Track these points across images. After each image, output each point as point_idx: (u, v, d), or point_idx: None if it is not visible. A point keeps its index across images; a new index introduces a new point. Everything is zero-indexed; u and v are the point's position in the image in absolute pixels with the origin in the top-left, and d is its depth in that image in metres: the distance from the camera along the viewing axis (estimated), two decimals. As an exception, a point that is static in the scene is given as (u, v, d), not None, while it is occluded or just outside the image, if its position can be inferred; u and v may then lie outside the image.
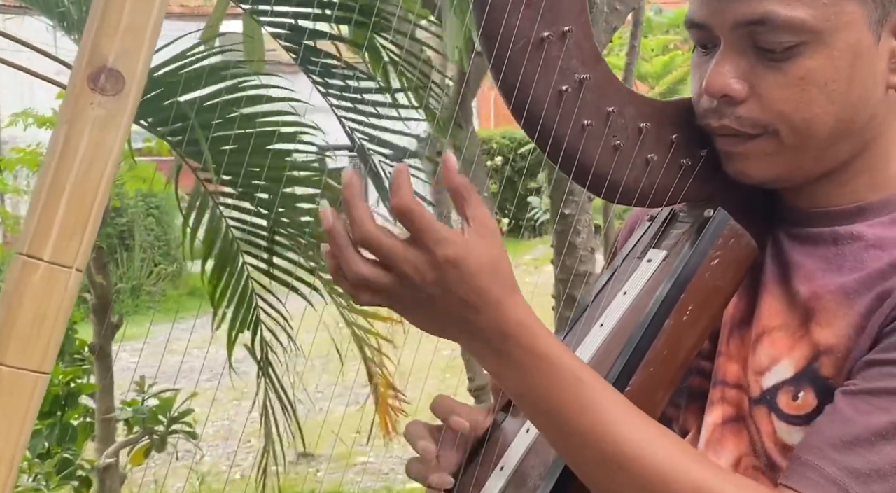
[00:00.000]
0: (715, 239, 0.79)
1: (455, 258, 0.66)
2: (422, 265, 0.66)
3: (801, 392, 0.76)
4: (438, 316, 0.69)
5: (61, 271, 0.61)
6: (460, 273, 0.67)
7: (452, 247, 0.66)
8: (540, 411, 0.72)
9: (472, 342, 0.71)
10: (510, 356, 0.70)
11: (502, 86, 0.76)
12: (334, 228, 0.67)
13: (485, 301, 0.68)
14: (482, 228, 0.68)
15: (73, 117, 0.61)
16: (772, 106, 0.75)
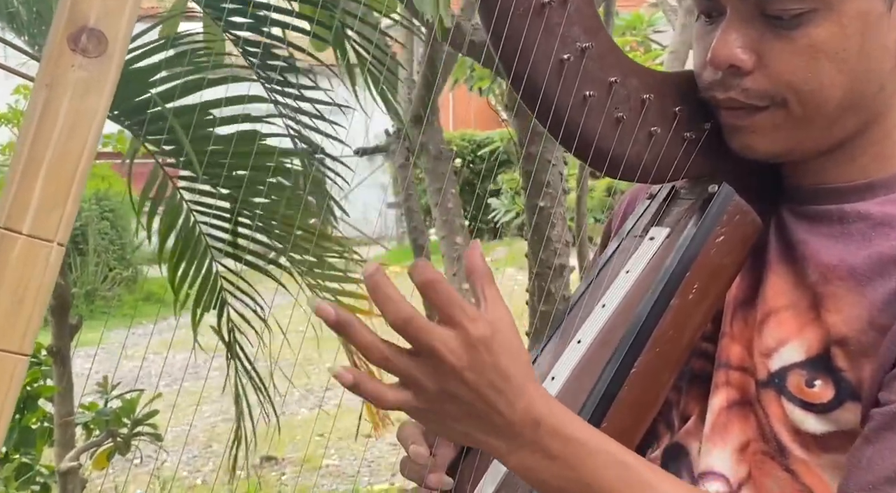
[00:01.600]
0: (720, 215, 0.76)
1: (485, 336, 0.63)
2: (454, 343, 0.63)
3: (818, 380, 0.73)
4: (463, 408, 0.65)
5: (42, 246, 0.56)
6: (489, 352, 0.63)
7: (481, 324, 0.63)
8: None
9: (502, 438, 0.66)
10: (545, 447, 0.66)
11: (502, 54, 0.73)
12: (338, 316, 0.62)
13: (511, 386, 0.65)
14: (501, 310, 0.65)
15: (52, 81, 0.56)
16: (780, 76, 0.73)
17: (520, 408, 0.65)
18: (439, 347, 0.62)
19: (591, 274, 0.84)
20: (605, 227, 0.96)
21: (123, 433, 2.20)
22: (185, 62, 1.94)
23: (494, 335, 0.64)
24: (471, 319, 0.63)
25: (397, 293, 0.63)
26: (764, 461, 0.76)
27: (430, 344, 0.62)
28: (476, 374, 0.63)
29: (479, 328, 0.63)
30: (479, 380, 0.64)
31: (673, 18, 3.04)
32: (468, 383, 0.64)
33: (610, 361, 0.74)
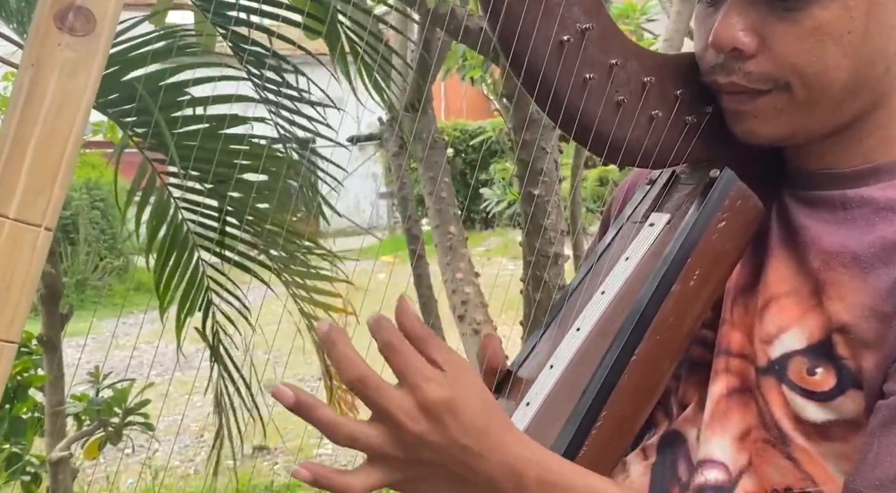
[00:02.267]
0: (722, 200, 0.75)
1: (444, 398, 0.62)
2: (411, 407, 0.61)
3: (819, 368, 0.72)
4: (439, 473, 0.64)
5: (28, 230, 0.55)
6: (453, 414, 0.62)
7: (440, 386, 0.62)
8: None
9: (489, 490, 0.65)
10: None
11: (500, 36, 0.71)
12: (299, 401, 0.61)
13: (485, 443, 0.63)
14: (457, 368, 0.63)
15: (38, 60, 0.55)
16: (783, 59, 0.72)
17: (498, 463, 0.64)
18: (395, 411, 0.61)
19: (590, 261, 0.82)
20: (604, 213, 0.95)
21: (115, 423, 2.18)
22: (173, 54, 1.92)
23: (456, 394, 0.62)
24: (426, 379, 0.61)
25: (352, 352, 0.61)
26: (765, 449, 0.75)
27: (385, 407, 0.61)
28: (441, 437, 0.62)
29: (436, 390, 0.62)
30: (446, 442, 0.62)
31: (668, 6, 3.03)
32: (434, 447, 0.62)
33: (610, 348, 0.73)
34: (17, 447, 2.52)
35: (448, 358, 0.64)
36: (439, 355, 0.63)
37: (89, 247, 8.93)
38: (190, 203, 2.14)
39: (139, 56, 1.88)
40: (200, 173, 2.01)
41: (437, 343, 0.64)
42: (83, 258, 8.73)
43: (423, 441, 0.62)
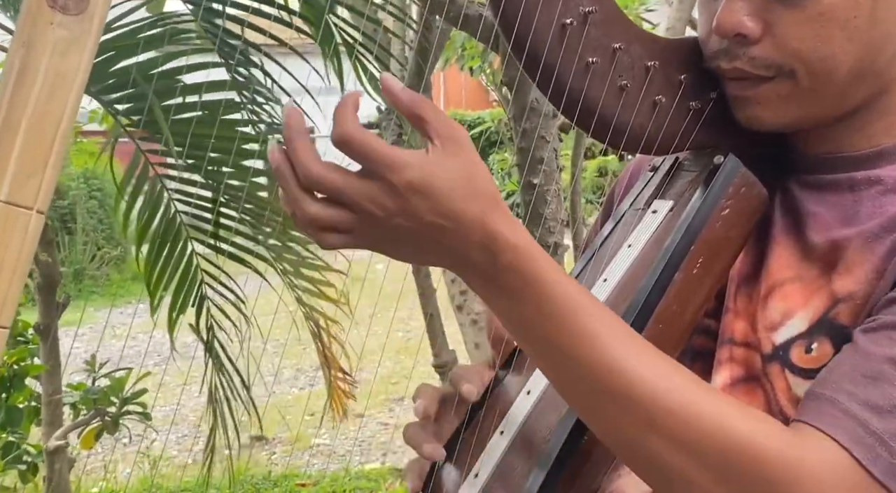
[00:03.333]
0: (725, 187, 0.74)
1: (418, 183, 0.59)
2: (379, 197, 0.59)
3: (815, 344, 0.71)
4: (415, 246, 0.62)
5: (20, 213, 0.54)
6: (427, 198, 0.59)
7: (411, 171, 0.59)
8: (534, 340, 0.64)
9: (459, 267, 0.63)
10: (500, 280, 0.62)
11: (502, 19, 0.70)
12: (280, 166, 0.60)
13: (463, 222, 0.60)
14: (449, 142, 0.60)
15: (30, 39, 0.53)
16: (788, 45, 0.70)
17: (475, 242, 0.61)
18: (359, 201, 0.59)
19: (592, 248, 0.81)
20: (606, 199, 0.94)
21: (111, 412, 2.17)
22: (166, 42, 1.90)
23: (431, 180, 0.59)
24: (396, 168, 0.59)
25: (311, 149, 0.60)
26: None
27: (351, 199, 0.59)
28: (409, 220, 0.60)
29: (406, 175, 0.59)
30: (416, 225, 0.60)
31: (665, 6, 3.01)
32: (403, 228, 0.60)
33: None
34: (13, 436, 2.51)
35: (441, 131, 0.60)
36: (433, 127, 0.60)
37: (87, 237, 8.91)
38: (183, 194, 2.12)
39: (134, 43, 1.86)
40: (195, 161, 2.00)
41: (433, 114, 0.61)
42: (80, 248, 8.70)
43: (389, 224, 0.60)
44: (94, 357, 2.23)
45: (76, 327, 5.51)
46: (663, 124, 0.74)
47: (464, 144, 0.61)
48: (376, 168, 0.59)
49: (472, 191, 0.61)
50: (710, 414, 0.63)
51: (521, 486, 0.69)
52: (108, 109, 1.93)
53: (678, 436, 0.62)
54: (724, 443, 0.62)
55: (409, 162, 0.59)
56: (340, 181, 0.59)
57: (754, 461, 0.62)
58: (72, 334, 5.17)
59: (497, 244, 0.61)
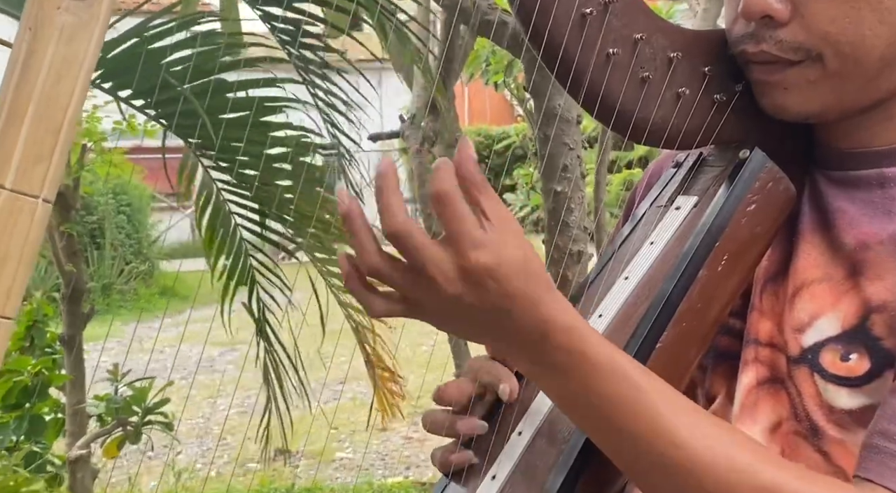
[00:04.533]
0: (751, 182, 0.71)
1: (489, 265, 0.59)
2: (451, 270, 0.58)
3: (853, 354, 0.68)
4: (471, 324, 0.62)
5: (26, 201, 0.53)
6: (495, 281, 0.59)
7: (486, 251, 0.58)
8: (590, 419, 0.64)
9: (508, 345, 0.64)
10: (552, 361, 0.62)
11: (520, 9, 0.68)
12: (350, 210, 0.59)
13: (520, 305, 0.60)
14: (505, 225, 0.60)
15: (36, 24, 0.53)
16: (817, 27, 0.68)
17: (527, 322, 0.61)
18: (432, 270, 0.58)
19: (612, 246, 0.79)
20: (626, 201, 0.92)
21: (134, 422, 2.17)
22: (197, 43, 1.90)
23: (499, 262, 0.59)
24: (474, 246, 0.58)
25: (398, 203, 0.59)
26: (797, 442, 0.71)
27: (424, 266, 0.58)
28: (474, 300, 0.59)
29: (481, 257, 0.58)
30: (479, 305, 0.60)
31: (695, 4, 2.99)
32: (465, 307, 0.60)
33: (633, 336, 0.70)
34: (37, 446, 2.51)
35: (499, 214, 0.60)
36: (491, 209, 0.60)
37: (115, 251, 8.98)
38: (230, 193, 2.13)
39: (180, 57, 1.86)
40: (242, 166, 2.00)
41: (492, 194, 0.60)
42: (109, 263, 8.78)
43: (458, 302, 0.59)
44: (117, 366, 2.23)
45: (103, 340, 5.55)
46: (687, 117, 0.72)
47: (517, 228, 0.61)
48: (461, 242, 0.58)
49: (529, 275, 0.61)
50: (780, 485, 0.61)
51: (542, 486, 0.67)
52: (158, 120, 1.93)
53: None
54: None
55: (487, 242, 0.59)
56: (424, 242, 0.59)
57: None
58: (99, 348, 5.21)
59: (549, 325, 0.61)
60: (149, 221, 9.78)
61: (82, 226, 8.22)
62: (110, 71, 1.79)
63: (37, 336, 2.64)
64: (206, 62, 1.86)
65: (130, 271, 8.94)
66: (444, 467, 0.75)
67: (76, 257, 2.69)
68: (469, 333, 0.65)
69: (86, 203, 8.47)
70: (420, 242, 0.58)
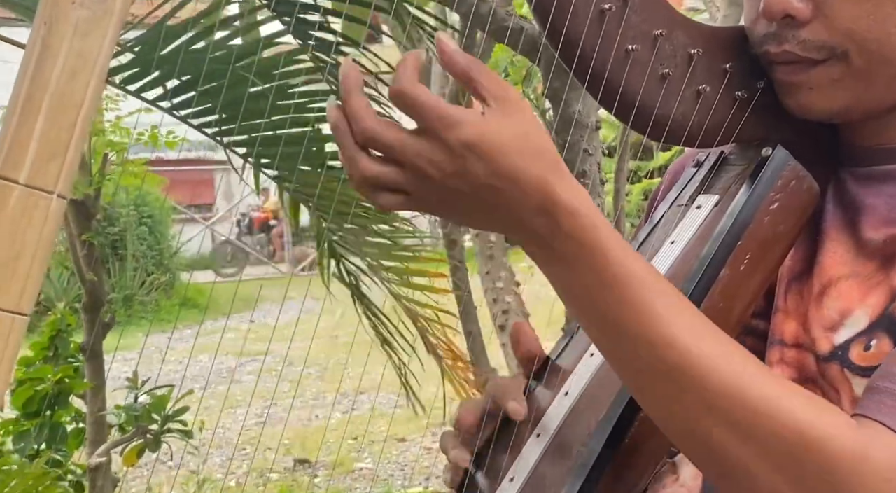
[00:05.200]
0: (774, 181, 0.70)
1: (474, 141, 0.57)
2: (434, 155, 0.57)
3: (874, 340, 0.67)
4: (470, 208, 0.60)
5: (41, 197, 0.53)
6: (482, 157, 0.57)
7: (467, 128, 0.57)
8: (591, 311, 0.61)
9: (514, 231, 0.61)
10: (558, 247, 0.59)
11: (537, 4, 0.68)
12: (337, 123, 0.59)
13: (521, 183, 0.58)
14: (504, 103, 0.58)
15: (51, 18, 0.52)
16: (840, 25, 0.67)
17: (529, 203, 0.58)
18: (414, 160, 0.57)
19: (633, 246, 0.78)
20: (647, 205, 0.91)
21: (153, 430, 2.17)
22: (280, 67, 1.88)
23: (486, 139, 0.57)
24: (451, 125, 0.57)
25: (365, 105, 0.58)
26: None
27: (405, 158, 0.57)
28: (463, 181, 0.58)
29: (461, 135, 0.56)
30: (471, 186, 0.58)
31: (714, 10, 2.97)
32: (458, 190, 0.58)
33: None
34: (58, 454, 2.52)
35: (496, 93, 0.58)
36: (487, 90, 0.58)
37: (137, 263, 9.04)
38: None
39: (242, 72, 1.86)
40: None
41: (487, 76, 0.59)
42: (130, 274, 8.83)
43: (445, 185, 0.58)
44: (136, 374, 2.24)
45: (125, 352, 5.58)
46: (707, 115, 0.71)
47: (519, 104, 0.59)
48: (431, 125, 0.57)
49: (530, 150, 0.58)
50: (774, 399, 0.59)
51: (559, 490, 0.66)
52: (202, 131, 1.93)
53: (738, 420, 0.59)
54: (787, 431, 0.59)
55: (465, 119, 0.57)
56: (395, 137, 0.57)
57: (819, 453, 0.58)
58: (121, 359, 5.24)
59: (557, 208, 0.58)
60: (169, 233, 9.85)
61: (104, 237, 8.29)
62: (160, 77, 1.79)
63: (60, 346, 2.65)
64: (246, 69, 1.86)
65: (151, 282, 8.99)
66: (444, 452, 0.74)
67: (97, 267, 2.71)
68: (471, 219, 0.62)
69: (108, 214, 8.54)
70: (394, 136, 0.57)
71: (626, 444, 0.66)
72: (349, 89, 0.58)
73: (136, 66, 1.77)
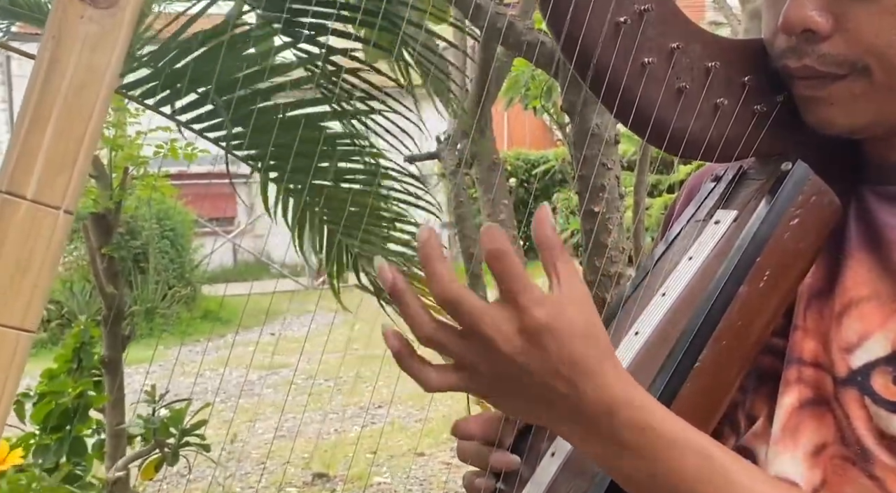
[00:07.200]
0: (794, 196, 0.69)
1: (548, 323, 0.57)
2: (509, 329, 0.57)
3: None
4: (526, 393, 0.60)
5: (47, 212, 0.52)
6: (555, 340, 0.57)
7: (546, 309, 0.57)
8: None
9: (571, 424, 0.61)
10: (619, 437, 0.60)
11: (551, 18, 0.67)
12: (396, 283, 0.58)
13: (582, 372, 0.58)
14: (574, 289, 0.59)
15: (60, 32, 0.52)
16: (862, 39, 0.66)
17: (590, 395, 0.59)
18: (489, 331, 0.57)
19: (650, 261, 0.77)
20: (664, 220, 0.90)
21: (171, 443, 2.17)
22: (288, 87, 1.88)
23: (559, 321, 0.57)
24: (533, 303, 0.57)
25: (445, 269, 0.57)
26: (845, 467, 0.68)
27: (480, 328, 0.57)
28: (533, 361, 0.58)
29: (540, 315, 0.57)
30: (538, 367, 0.58)
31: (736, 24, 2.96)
32: (524, 370, 0.58)
33: (670, 355, 0.67)
34: (77, 468, 2.52)
35: (567, 276, 0.59)
36: (562, 270, 0.59)
37: (158, 276, 9.09)
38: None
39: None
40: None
41: (567, 259, 0.59)
42: (152, 287, 8.88)
43: (514, 362, 0.58)
44: (154, 388, 2.24)
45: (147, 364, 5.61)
46: (726, 129, 0.70)
47: (585, 293, 0.60)
48: (516, 297, 0.57)
49: (591, 340, 0.59)
50: None
51: None
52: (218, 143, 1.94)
53: None
54: None
55: (546, 300, 0.58)
56: (477, 304, 0.57)
57: None
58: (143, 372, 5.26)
59: (615, 399, 0.60)
60: (191, 246, 9.90)
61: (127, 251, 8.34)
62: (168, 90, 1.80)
63: (84, 358, 2.66)
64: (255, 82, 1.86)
65: (173, 295, 9.03)
66: (471, 491, 0.73)
67: (117, 280, 2.72)
68: (526, 407, 0.62)
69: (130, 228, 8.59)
70: (474, 304, 0.57)
71: None
72: (431, 252, 0.58)
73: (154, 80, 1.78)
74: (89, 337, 2.68)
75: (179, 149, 2.77)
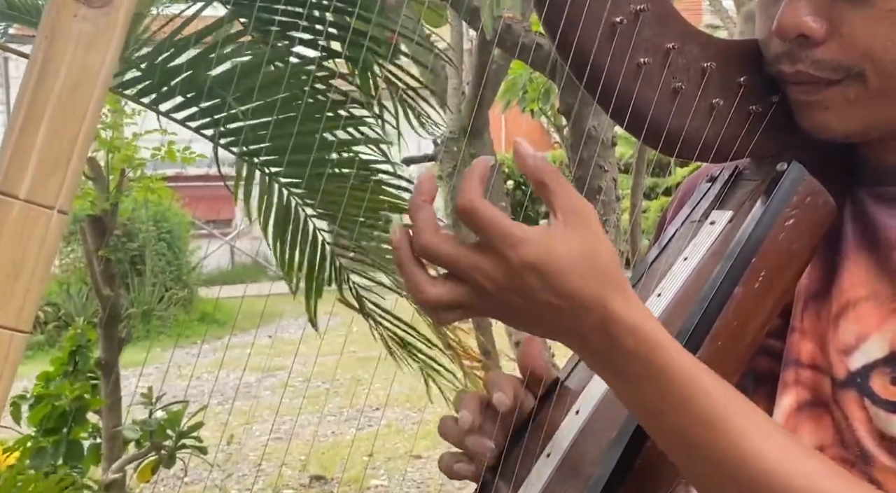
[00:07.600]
0: (789, 196, 0.69)
1: (534, 260, 0.57)
2: (494, 273, 0.57)
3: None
4: (531, 321, 0.60)
5: (41, 212, 0.52)
6: (542, 276, 0.57)
7: (529, 247, 0.57)
8: (660, 427, 0.62)
9: (578, 347, 0.62)
10: (621, 365, 0.60)
11: (546, 17, 0.67)
12: (399, 244, 0.59)
13: (581, 304, 0.58)
14: (572, 217, 0.58)
15: (53, 32, 0.52)
16: (856, 45, 0.66)
17: (593, 324, 0.59)
18: (473, 275, 0.58)
19: (644, 264, 0.77)
20: (658, 222, 0.89)
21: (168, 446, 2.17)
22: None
23: (547, 257, 0.57)
24: (511, 245, 0.57)
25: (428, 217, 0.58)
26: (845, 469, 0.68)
27: (464, 273, 0.58)
28: (522, 296, 0.58)
29: (523, 251, 0.57)
30: (529, 302, 0.58)
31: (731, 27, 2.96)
32: (516, 304, 0.58)
33: None
34: (74, 471, 2.51)
35: (566, 204, 0.58)
36: (558, 199, 0.58)
37: (155, 278, 9.07)
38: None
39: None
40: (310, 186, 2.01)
41: (560, 186, 0.59)
42: (149, 289, 8.86)
43: (505, 302, 0.58)
44: (151, 390, 2.24)
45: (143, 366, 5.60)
46: (721, 129, 0.70)
47: (588, 217, 0.59)
48: (493, 241, 0.57)
49: (592, 269, 0.58)
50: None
51: None
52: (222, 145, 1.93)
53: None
54: None
55: (528, 238, 0.57)
56: (452, 251, 0.58)
57: None
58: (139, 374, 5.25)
59: (616, 327, 0.59)
60: (188, 248, 9.88)
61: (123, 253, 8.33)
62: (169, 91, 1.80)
63: (81, 361, 2.66)
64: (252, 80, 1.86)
65: (170, 297, 9.02)
66: (448, 473, 0.72)
67: (113, 282, 2.72)
68: (533, 330, 0.63)
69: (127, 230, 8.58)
70: (451, 250, 0.58)
71: (640, 465, 0.64)
72: (418, 201, 0.59)
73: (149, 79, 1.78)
74: (86, 340, 2.68)
75: (177, 151, 2.77)
